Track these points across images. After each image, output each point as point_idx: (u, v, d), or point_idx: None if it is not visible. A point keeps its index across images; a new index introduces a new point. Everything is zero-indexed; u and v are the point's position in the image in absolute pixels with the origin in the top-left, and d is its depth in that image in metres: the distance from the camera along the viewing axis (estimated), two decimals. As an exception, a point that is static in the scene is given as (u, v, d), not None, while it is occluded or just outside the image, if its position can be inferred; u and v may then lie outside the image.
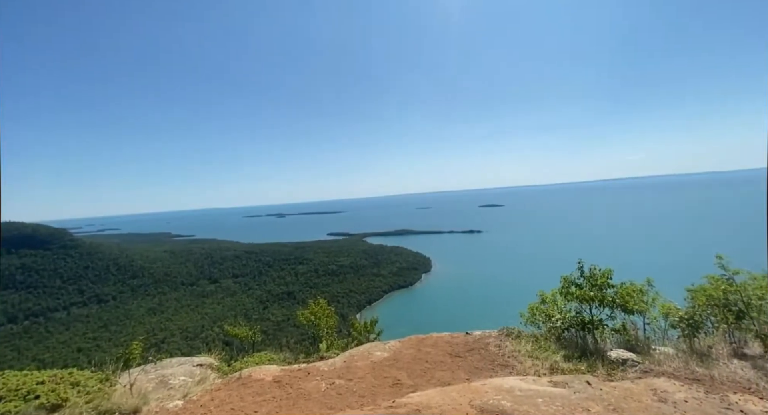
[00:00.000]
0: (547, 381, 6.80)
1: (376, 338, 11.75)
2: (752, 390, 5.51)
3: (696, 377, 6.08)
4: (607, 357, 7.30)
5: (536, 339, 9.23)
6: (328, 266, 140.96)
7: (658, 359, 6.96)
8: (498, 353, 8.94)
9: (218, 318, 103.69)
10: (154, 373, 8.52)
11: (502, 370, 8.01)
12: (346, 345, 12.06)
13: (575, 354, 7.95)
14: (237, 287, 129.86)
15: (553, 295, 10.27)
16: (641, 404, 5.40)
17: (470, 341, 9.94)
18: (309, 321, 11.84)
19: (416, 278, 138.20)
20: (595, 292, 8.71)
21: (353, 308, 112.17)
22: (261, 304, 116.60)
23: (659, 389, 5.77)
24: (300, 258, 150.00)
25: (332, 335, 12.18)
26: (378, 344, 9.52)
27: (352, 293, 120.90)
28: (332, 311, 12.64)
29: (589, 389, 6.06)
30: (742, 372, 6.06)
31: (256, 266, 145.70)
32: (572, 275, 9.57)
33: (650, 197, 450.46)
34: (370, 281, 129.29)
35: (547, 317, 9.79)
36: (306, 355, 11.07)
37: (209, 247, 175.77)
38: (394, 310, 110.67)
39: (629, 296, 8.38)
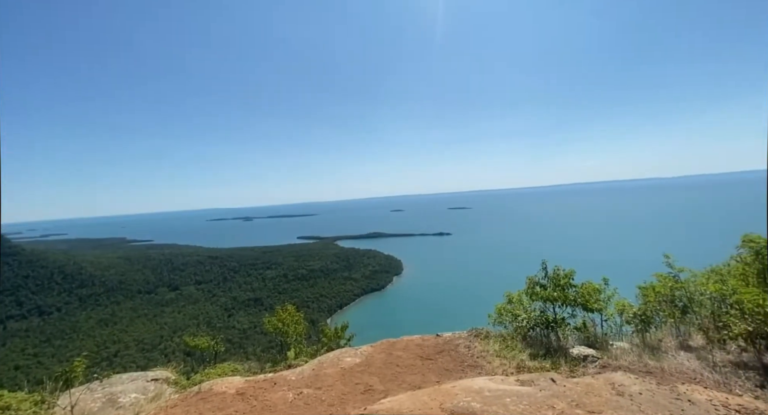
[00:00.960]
0: (514, 380, 6.94)
1: (346, 344, 11.51)
2: (697, 380, 5.93)
3: (649, 369, 6.46)
4: (570, 354, 7.59)
5: (504, 339, 9.45)
6: (298, 270, 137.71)
7: (615, 354, 7.34)
8: (467, 353, 9.04)
9: (179, 328, 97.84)
10: (101, 391, 7.75)
11: (472, 371, 8.11)
12: (316, 352, 11.72)
13: (540, 352, 8.21)
14: (200, 295, 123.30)
15: (519, 295, 10.57)
16: (601, 399, 5.64)
17: (440, 342, 10.00)
18: (276, 328, 11.37)
19: (388, 280, 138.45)
20: (558, 292, 9.07)
21: (324, 313, 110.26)
22: (226, 311, 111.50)
23: (617, 383, 6.06)
24: (268, 263, 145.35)
25: (301, 342, 11.78)
26: (349, 350, 9.32)
27: (323, 297, 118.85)
28: (301, 317, 12.23)
29: (553, 387, 6.25)
30: (688, 363, 6.52)
31: (221, 271, 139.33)
32: (537, 275, 9.93)
33: (604, 201, 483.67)
34: (342, 285, 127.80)
35: (514, 316, 10.05)
36: (273, 364, 10.61)
37: (169, 252, 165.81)
38: (366, 313, 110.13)
39: (589, 295, 8.80)
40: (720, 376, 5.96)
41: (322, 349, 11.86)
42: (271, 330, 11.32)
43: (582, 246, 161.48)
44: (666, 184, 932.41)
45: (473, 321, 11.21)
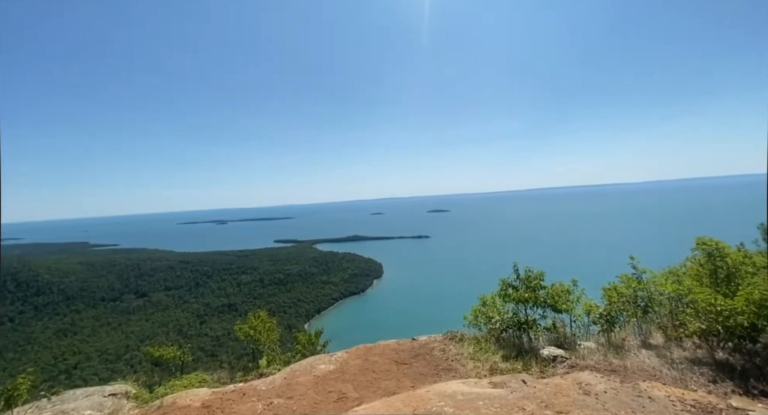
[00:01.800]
0: (487, 383, 7.02)
1: (321, 350, 11.27)
2: (657, 377, 6.20)
3: (613, 368, 6.70)
4: (540, 355, 7.77)
5: (477, 341, 9.56)
6: (275, 274, 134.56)
7: (583, 353, 7.58)
8: (442, 357, 9.08)
9: (146, 336, 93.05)
10: (51, 409, 7.16)
11: (446, 374, 8.13)
12: (290, 359, 11.41)
13: (513, 354, 8.35)
14: (169, 301, 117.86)
15: (492, 297, 10.75)
16: (569, 399, 5.78)
17: (416, 346, 9.99)
18: (248, 336, 10.96)
19: (368, 284, 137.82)
20: (530, 293, 9.29)
21: (302, 318, 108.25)
22: (198, 318, 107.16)
23: (584, 383, 6.25)
24: (243, 267, 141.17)
25: (274, 349, 11.44)
26: (323, 357, 9.12)
27: (301, 302, 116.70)
28: (274, 323, 11.88)
29: (524, 388, 6.36)
30: (649, 361, 6.82)
31: (193, 276, 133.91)
32: (509, 277, 10.14)
33: (576, 204, 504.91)
34: (320, 289, 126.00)
35: (488, 318, 10.21)
36: (244, 373, 10.23)
37: (136, 257, 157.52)
38: (345, 317, 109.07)
39: (558, 296, 9.06)
40: (677, 372, 6.26)
41: (297, 356, 11.57)
42: (242, 338, 10.91)
43: (554, 248, 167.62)
44: (632, 189, 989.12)
45: (453, 324, 11.27)
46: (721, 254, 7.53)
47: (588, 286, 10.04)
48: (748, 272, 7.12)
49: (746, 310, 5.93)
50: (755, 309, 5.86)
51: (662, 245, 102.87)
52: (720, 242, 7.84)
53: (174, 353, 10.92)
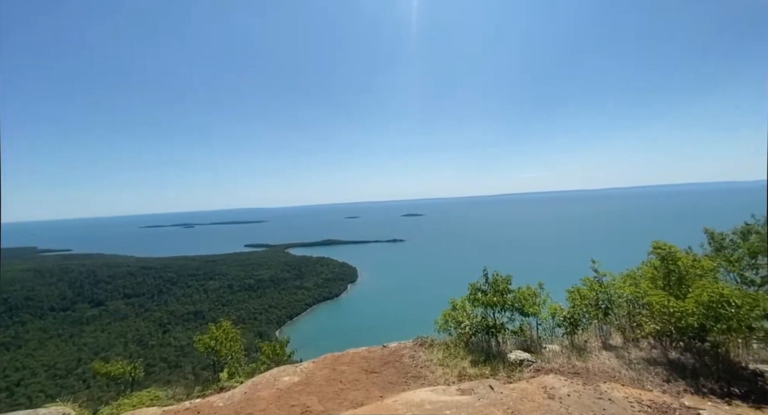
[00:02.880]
0: (455, 390, 6.93)
1: (287, 360, 10.80)
2: (616, 378, 6.37)
3: (576, 370, 6.83)
4: (507, 359, 7.80)
5: (447, 346, 9.50)
6: (245, 280, 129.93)
7: (548, 356, 7.70)
8: (411, 364, 8.93)
9: (101, 349, 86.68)
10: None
11: (415, 382, 7.99)
12: (254, 371, 10.85)
13: (481, 358, 8.35)
14: (129, 310, 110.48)
15: (462, 301, 10.77)
16: (534, 404, 5.80)
17: (386, 354, 9.79)
18: (208, 348, 10.29)
19: (342, 288, 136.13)
20: (498, 297, 9.37)
21: (273, 325, 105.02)
22: (161, 327, 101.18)
23: (548, 386, 6.30)
24: (211, 273, 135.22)
25: (238, 360, 10.82)
26: (287, 368, 8.70)
27: (272, 308, 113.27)
28: (237, 333, 11.25)
29: (491, 394, 6.33)
30: (609, 362, 7.02)
31: (156, 283, 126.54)
32: (479, 281, 10.20)
33: (542, 210, 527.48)
34: (293, 295, 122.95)
35: (458, 323, 10.20)
36: (203, 387, 9.57)
37: (92, 263, 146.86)
38: (319, 323, 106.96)
39: (525, 300, 9.19)
40: (635, 372, 6.47)
41: (261, 367, 11.03)
42: (202, 350, 10.21)
43: (523, 251, 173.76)
44: (594, 195, 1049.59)
45: (428, 328, 11.17)
46: (674, 257, 7.95)
47: (554, 288, 10.30)
48: (697, 274, 7.54)
49: (696, 311, 6.24)
50: (704, 310, 6.17)
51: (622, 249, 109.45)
52: (673, 247, 8.28)
53: (123, 368, 10.00)
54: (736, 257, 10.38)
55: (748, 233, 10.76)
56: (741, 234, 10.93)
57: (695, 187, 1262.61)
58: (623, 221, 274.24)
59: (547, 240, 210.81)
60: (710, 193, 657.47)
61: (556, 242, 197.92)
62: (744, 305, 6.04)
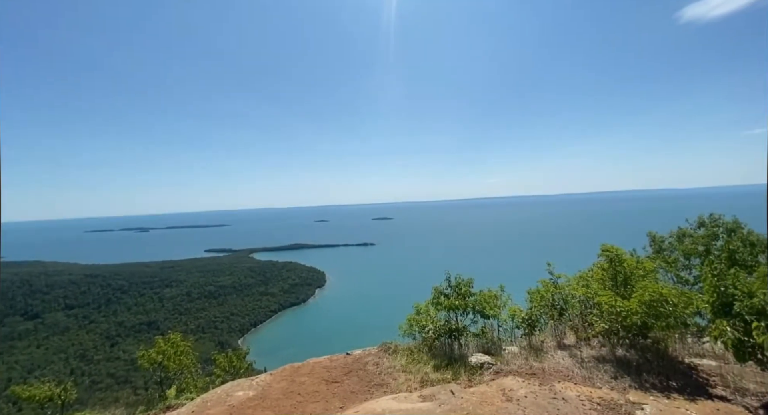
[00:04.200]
0: (417, 396, 6.85)
1: (245, 372, 10.20)
2: (570, 377, 6.60)
3: (533, 371, 7.01)
4: (469, 362, 7.86)
5: (411, 351, 9.43)
6: (205, 287, 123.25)
7: (507, 358, 7.85)
8: (375, 371, 8.75)
9: (36, 366, 78.28)
10: None
11: (378, 390, 7.81)
12: (208, 386, 10.14)
13: (444, 363, 8.35)
14: (71, 322, 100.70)
15: (426, 305, 10.77)
16: (493, 407, 5.84)
17: (349, 362, 9.53)
18: (154, 363, 9.46)
19: (309, 294, 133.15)
20: (460, 300, 9.47)
21: (235, 333, 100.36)
22: (108, 340, 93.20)
23: (507, 389, 6.40)
24: (167, 280, 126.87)
25: (189, 375, 10.06)
26: (242, 382, 8.18)
27: (235, 316, 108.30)
28: (189, 346, 10.45)
29: (452, 400, 6.31)
30: (563, 362, 7.28)
31: (103, 292, 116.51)
32: (442, 285, 10.26)
33: (506, 213, 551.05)
34: (257, 301, 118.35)
35: (421, 327, 10.17)
36: (147, 407, 8.77)
37: (27, 271, 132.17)
38: (284, 330, 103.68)
39: (486, 302, 9.36)
40: (586, 371, 6.75)
41: (216, 381, 10.34)
42: (147, 366, 9.36)
43: (487, 254, 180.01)
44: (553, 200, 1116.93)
45: (396, 333, 11.03)
46: (620, 259, 8.47)
47: (514, 290, 10.59)
48: (641, 275, 8.07)
49: (639, 310, 6.64)
50: (646, 309, 6.58)
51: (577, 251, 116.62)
52: (619, 249, 8.83)
53: (51, 391, 8.86)
54: (673, 258, 11.33)
55: (683, 236, 11.79)
56: (677, 237, 11.96)
57: (644, 193, 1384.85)
58: (579, 225, 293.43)
59: (509, 243, 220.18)
60: (657, 199, 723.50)
61: (518, 245, 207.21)
62: (680, 304, 6.52)
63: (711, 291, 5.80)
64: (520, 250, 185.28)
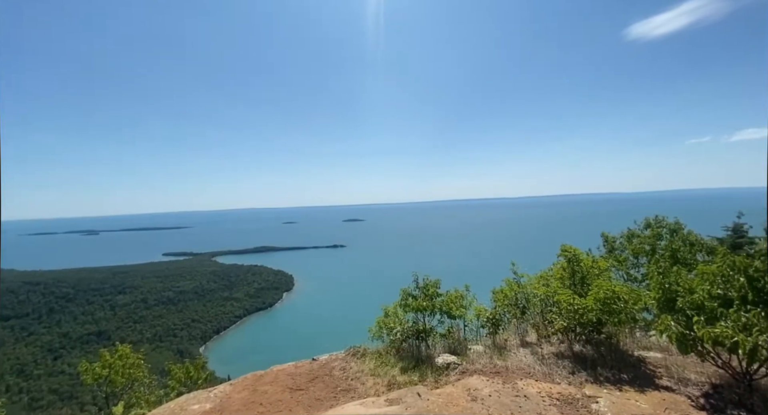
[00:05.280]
0: (384, 401, 6.74)
1: (204, 383, 9.59)
2: (531, 374, 6.80)
3: (497, 370, 7.15)
4: (435, 363, 7.88)
5: (379, 355, 9.33)
6: (163, 293, 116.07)
7: (473, 358, 7.96)
8: (342, 376, 8.55)
9: (-40, 386, 69.60)
10: None
11: (344, 396, 7.62)
12: (161, 399, 9.43)
13: (411, 365, 8.32)
14: (7, 334, 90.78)
15: (395, 307, 10.72)
16: (458, 408, 5.87)
17: (315, 368, 9.25)
18: (98, 378, 8.62)
19: (277, 298, 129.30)
20: (427, 301, 9.50)
21: (196, 341, 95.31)
22: (50, 353, 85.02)
23: (472, 388, 6.46)
24: (120, 286, 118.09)
25: (139, 389, 9.29)
26: (198, 394, 7.67)
27: (196, 322, 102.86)
28: (140, 358, 9.66)
29: (419, 402, 6.27)
30: (525, 359, 7.50)
31: (45, 301, 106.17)
32: (410, 286, 10.26)
33: (476, 215, 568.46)
34: (220, 307, 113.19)
35: (389, 329, 10.10)
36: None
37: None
38: (250, 336, 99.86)
39: (452, 302, 9.46)
40: (546, 367, 6.98)
41: (172, 394, 9.63)
42: (90, 381, 8.51)
43: (456, 255, 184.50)
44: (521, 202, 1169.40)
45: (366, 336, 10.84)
46: (578, 259, 8.91)
47: (480, 289, 10.81)
48: (595, 274, 8.53)
49: (594, 307, 6.98)
50: (600, 306, 6.94)
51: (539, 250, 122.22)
52: (577, 249, 9.28)
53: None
54: (624, 257, 12.12)
55: (632, 236, 12.66)
56: (627, 237, 12.83)
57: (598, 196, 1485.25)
58: (541, 226, 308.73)
59: (477, 244, 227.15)
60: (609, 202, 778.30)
61: (484, 245, 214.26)
62: (630, 300, 6.95)
63: (657, 288, 6.21)
64: (487, 250, 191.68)
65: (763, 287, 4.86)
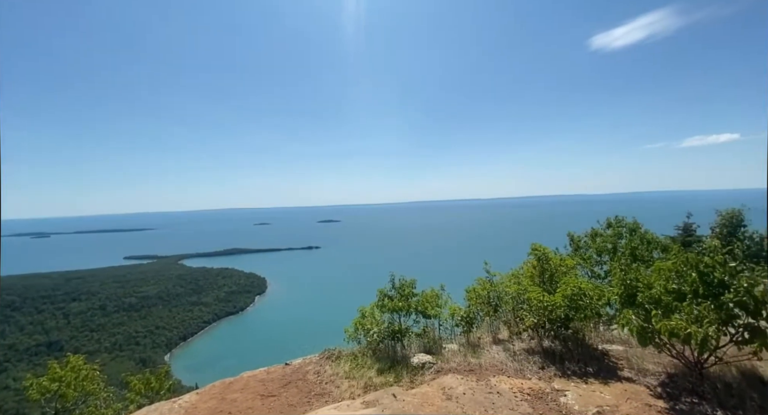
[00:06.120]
0: (359, 403, 6.64)
1: (165, 394, 9.04)
2: (503, 371, 6.96)
3: (471, 368, 7.25)
4: (411, 364, 7.88)
5: (355, 357, 9.21)
6: (124, 299, 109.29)
7: (447, 356, 8.04)
8: (316, 380, 8.35)
9: None
10: None
11: (318, 400, 7.45)
12: (119, 413, 8.80)
13: (387, 365, 8.27)
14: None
15: (371, 308, 10.64)
16: (434, 407, 5.88)
17: (288, 373, 8.98)
18: (46, 392, 7.89)
19: (248, 301, 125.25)
20: (403, 302, 9.51)
21: (161, 348, 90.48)
22: (-8, 368, 77.49)
23: (447, 387, 6.51)
24: (75, 293, 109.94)
25: (95, 403, 8.61)
26: (161, 406, 7.21)
27: (161, 329, 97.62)
28: (94, 369, 8.97)
29: (395, 403, 6.22)
30: (498, 356, 7.66)
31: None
32: (386, 287, 10.23)
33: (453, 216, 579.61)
34: (187, 312, 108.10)
35: (366, 331, 10.01)
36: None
37: None
38: (219, 342, 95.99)
39: (427, 302, 9.53)
40: (517, 363, 7.17)
41: (131, 407, 9.01)
42: (36, 397, 7.77)
43: (431, 255, 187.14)
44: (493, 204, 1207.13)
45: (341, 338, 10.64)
46: (547, 257, 9.25)
47: (455, 288, 10.95)
48: (563, 271, 8.89)
49: (562, 304, 7.26)
50: (568, 302, 7.23)
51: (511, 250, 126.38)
52: (546, 248, 9.65)
53: None
54: (588, 255, 12.74)
55: (596, 235, 13.33)
56: (591, 237, 13.49)
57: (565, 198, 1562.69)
58: (512, 226, 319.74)
59: (452, 244, 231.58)
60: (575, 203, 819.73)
61: (459, 246, 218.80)
62: (595, 296, 7.29)
63: (619, 284, 6.55)
64: (462, 250, 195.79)
65: (712, 281, 5.23)
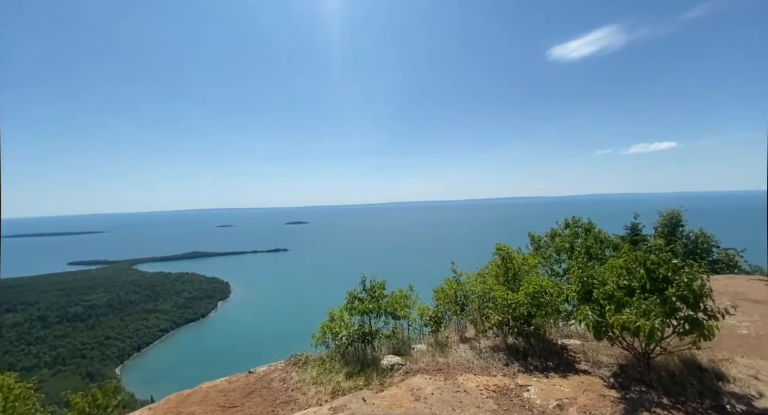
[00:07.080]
0: (327, 409, 6.48)
1: (113, 411, 8.31)
2: (470, 369, 7.09)
3: (439, 367, 7.33)
4: (381, 366, 7.83)
5: (323, 361, 8.99)
6: (68, 308, 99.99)
7: (416, 357, 8.08)
8: (282, 388, 8.05)
9: None
10: None
11: (284, 408, 7.17)
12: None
13: (356, 369, 8.14)
14: None
15: (341, 311, 10.47)
16: (402, 409, 5.86)
17: (251, 381, 8.59)
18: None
19: (210, 307, 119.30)
20: (373, 303, 9.44)
21: (111, 361, 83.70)
22: None
23: (415, 388, 6.52)
24: (9, 303, 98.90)
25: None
26: (108, 425, 6.60)
27: (111, 339, 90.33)
28: (30, 387, 8.07)
29: (363, 407, 6.13)
30: (465, 354, 7.81)
31: None
32: (356, 289, 10.11)
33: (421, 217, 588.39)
34: (142, 321, 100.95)
35: (335, 334, 9.82)
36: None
37: None
38: (178, 351, 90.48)
39: (397, 303, 9.53)
40: (483, 361, 7.35)
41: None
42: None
43: (401, 256, 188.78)
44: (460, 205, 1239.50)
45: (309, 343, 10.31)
46: (510, 257, 9.60)
47: (423, 289, 11.04)
48: (526, 270, 9.27)
49: (525, 301, 7.55)
50: (530, 300, 7.53)
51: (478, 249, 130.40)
52: (510, 248, 10.01)
53: None
54: (548, 254, 13.39)
55: (555, 235, 14.06)
56: (550, 236, 14.20)
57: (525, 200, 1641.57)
58: (477, 227, 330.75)
59: (420, 244, 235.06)
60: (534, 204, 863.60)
61: (427, 246, 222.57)
62: (555, 293, 7.65)
63: (576, 281, 6.91)
64: (429, 251, 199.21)
65: (657, 277, 5.67)
